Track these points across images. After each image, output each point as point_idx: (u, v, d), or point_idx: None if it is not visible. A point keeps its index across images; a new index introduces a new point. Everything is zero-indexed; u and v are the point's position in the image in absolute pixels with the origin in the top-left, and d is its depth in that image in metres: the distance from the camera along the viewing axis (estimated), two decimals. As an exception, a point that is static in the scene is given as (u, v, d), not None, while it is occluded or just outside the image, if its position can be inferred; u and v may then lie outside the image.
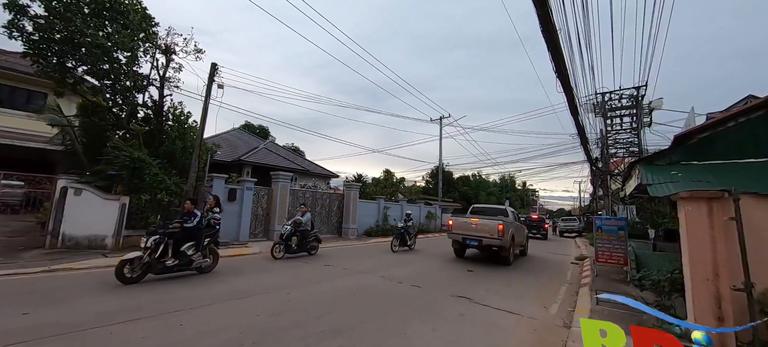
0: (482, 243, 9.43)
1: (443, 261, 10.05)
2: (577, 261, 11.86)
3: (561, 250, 15.84)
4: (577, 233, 27.96)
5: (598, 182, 20.79)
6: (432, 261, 10.03)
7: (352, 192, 15.84)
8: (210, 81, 11.34)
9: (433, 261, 9.91)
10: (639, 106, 19.97)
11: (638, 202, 12.38)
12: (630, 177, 6.86)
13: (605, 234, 8.45)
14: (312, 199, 14.52)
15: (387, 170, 22.36)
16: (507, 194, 58.07)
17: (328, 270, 7.64)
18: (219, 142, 23.30)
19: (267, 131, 44.64)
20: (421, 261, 9.82)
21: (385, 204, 18.18)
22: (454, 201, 33.36)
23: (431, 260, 10.16)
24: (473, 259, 10.69)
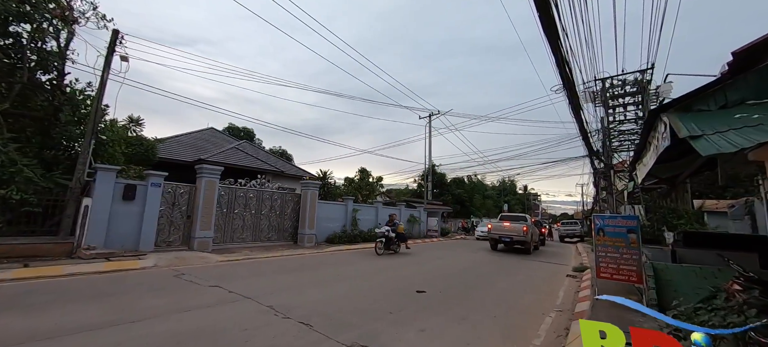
0: (512, 240, 13.52)
1: (392, 274, 7.64)
2: (574, 273, 9.38)
3: (558, 258, 13.35)
4: (578, 238, 25.41)
5: (599, 179, 18.39)
6: (376, 277, 7.61)
7: (310, 191, 13.46)
8: (110, 51, 9.10)
9: (375, 278, 7.49)
10: (645, 91, 17.59)
11: (650, 199, 9.94)
12: (645, 151, 4.49)
13: (609, 239, 6.00)
14: (257, 199, 12.16)
15: (362, 169, 20.01)
16: (506, 198, 55.43)
17: (198, 293, 5.25)
18: (189, 141, 21.17)
19: (252, 133, 42.52)
20: (363, 274, 7.43)
21: (354, 206, 15.78)
22: (445, 204, 30.89)
23: (378, 275, 7.75)
24: (439, 274, 8.27)
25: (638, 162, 5.22)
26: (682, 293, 5.44)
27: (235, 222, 11.47)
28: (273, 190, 12.83)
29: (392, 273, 7.94)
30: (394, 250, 11.55)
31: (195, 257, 8.73)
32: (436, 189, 37.23)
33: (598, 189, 24.86)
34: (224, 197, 11.17)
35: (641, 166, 4.97)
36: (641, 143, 4.63)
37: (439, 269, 8.96)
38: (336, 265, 8.87)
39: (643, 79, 17.45)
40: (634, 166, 5.72)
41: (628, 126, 18.46)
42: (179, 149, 18.95)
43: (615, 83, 18.22)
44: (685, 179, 6.87)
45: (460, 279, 7.73)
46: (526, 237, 13.33)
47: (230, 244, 11.15)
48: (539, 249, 17.83)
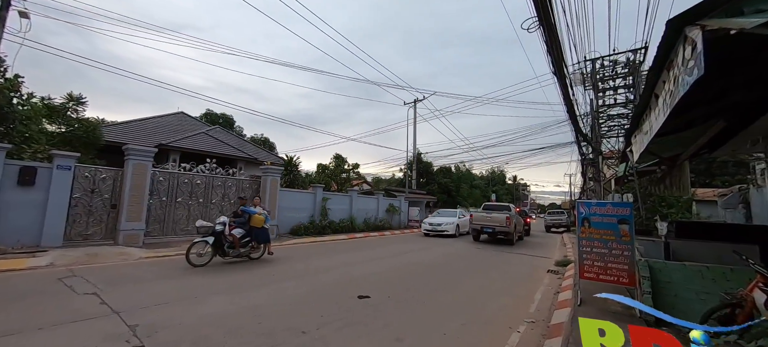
0: (495, 230, 13.04)
1: (342, 273, 6.40)
2: (556, 268, 8.33)
3: (541, 250, 12.37)
4: (564, 228, 24.73)
5: (586, 167, 17.46)
6: (319, 277, 6.37)
7: (270, 178, 12.08)
8: (3, 4, 7.45)
9: (317, 278, 6.26)
10: (637, 72, 16.55)
11: (640, 185, 8.90)
12: (647, 112, 3.30)
13: (596, 231, 4.86)
14: (205, 186, 10.72)
15: (337, 155, 18.62)
16: (494, 188, 54.86)
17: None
18: (153, 125, 19.42)
19: (231, 120, 40.53)
20: (306, 273, 6.18)
21: (324, 195, 14.46)
22: (429, 194, 29.82)
23: (323, 275, 6.51)
24: (402, 271, 7.07)
25: (636, 132, 4.03)
26: (683, 298, 4.36)
27: (179, 213, 10.05)
28: (226, 177, 11.39)
29: (342, 272, 6.72)
30: (239, 256, 7.19)
31: (113, 253, 7.34)
32: (422, 179, 36.15)
33: (586, 177, 24.10)
34: (163, 184, 9.72)
35: (640, 136, 3.78)
36: (642, 102, 3.42)
37: (404, 265, 7.78)
38: (285, 261, 7.61)
39: (635, 59, 16.42)
40: (629, 140, 4.55)
41: (618, 109, 17.50)
42: (139, 134, 17.37)
43: (605, 64, 17.17)
44: (689, 158, 5.79)
45: (424, 277, 6.55)
46: (508, 227, 12.81)
47: (172, 237, 9.76)
48: (523, 239, 16.97)
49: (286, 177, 13.86)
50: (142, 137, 17.39)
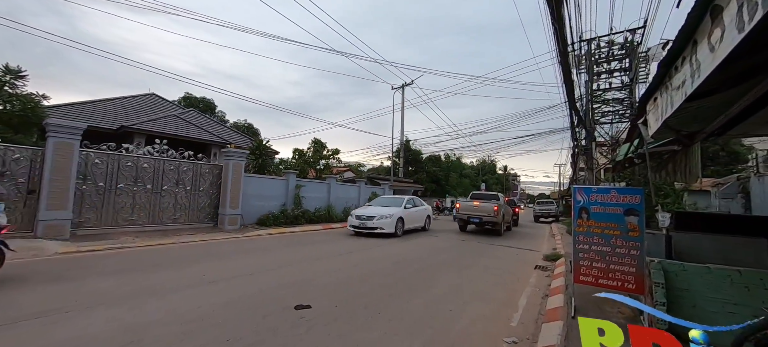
0: (482, 220, 12.29)
1: (292, 272, 5.33)
2: (545, 264, 7.42)
3: (529, 242, 11.53)
4: (553, 218, 24.17)
5: (578, 154, 16.70)
6: (262, 277, 5.29)
7: (232, 162, 10.82)
8: None
9: (257, 280, 5.18)
10: (634, 54, 15.60)
11: (635, 172, 8.01)
12: (671, 73, 2.28)
13: (596, 224, 3.86)
14: (155, 171, 9.43)
15: (316, 140, 17.33)
16: (484, 177, 54.33)
17: None
18: (118, 106, 17.87)
19: (212, 105, 38.63)
20: (249, 272, 5.08)
21: (298, 182, 13.28)
22: (417, 183, 28.88)
23: (268, 275, 5.43)
24: (366, 268, 6.03)
25: (657, 93, 2.99)
26: (706, 310, 3.42)
27: (121, 201, 8.78)
28: (181, 160, 10.10)
29: (293, 271, 5.64)
30: None
31: (24, 248, 6.10)
32: (411, 167, 35.19)
33: (576, 165, 23.40)
34: (100, 167, 8.41)
35: (665, 96, 2.74)
36: (674, 49, 2.37)
37: (372, 260, 6.75)
38: (238, 255, 6.49)
39: (633, 40, 15.44)
40: (643, 107, 3.52)
41: (613, 94, 16.61)
42: (101, 114, 15.96)
43: (601, 45, 16.17)
44: (712, 134, 4.83)
45: (390, 276, 5.53)
46: (496, 217, 12.16)
47: (111, 228, 8.52)
48: (512, 229, 16.25)
49: (255, 162, 12.61)
50: (104, 119, 15.94)
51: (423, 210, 12.90)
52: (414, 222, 11.95)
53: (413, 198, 12.89)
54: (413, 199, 12.66)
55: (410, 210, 11.81)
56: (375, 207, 11.42)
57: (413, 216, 11.91)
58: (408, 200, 12.12)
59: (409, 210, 11.70)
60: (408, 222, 11.35)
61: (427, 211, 13.20)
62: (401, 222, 10.88)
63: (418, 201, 13.14)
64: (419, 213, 12.51)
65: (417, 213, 12.31)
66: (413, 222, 11.86)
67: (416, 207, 12.49)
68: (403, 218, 10.98)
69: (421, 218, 12.64)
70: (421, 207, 12.82)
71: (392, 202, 11.99)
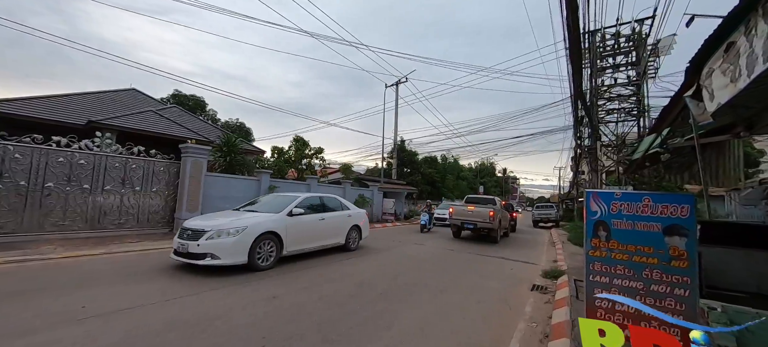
0: (477, 226, 11.48)
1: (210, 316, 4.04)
2: (544, 282, 6.15)
3: (526, 251, 10.26)
4: (553, 223, 22.88)
5: (580, 154, 15.45)
6: (161, 312, 4.00)
7: (191, 160, 9.56)
8: None
9: (158, 314, 3.89)
10: (641, 46, 14.39)
11: (656, 173, 6.77)
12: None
13: (621, 248, 2.59)
14: (93, 168, 8.15)
15: (298, 137, 16.07)
16: (482, 180, 53.09)
17: None
18: (91, 101, 16.67)
19: (202, 103, 37.35)
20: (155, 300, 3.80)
21: (272, 183, 12.01)
22: (410, 184, 27.60)
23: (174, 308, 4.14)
24: (323, 291, 4.76)
25: (726, 46, 1.75)
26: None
27: (49, 203, 7.51)
28: (128, 157, 8.83)
29: (208, 299, 4.37)
30: None
31: None
32: (406, 169, 33.95)
33: (578, 167, 22.14)
34: (21, 162, 7.15)
35: (744, 57, 1.51)
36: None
37: (330, 279, 5.49)
38: (161, 274, 5.22)
39: (641, 30, 14.23)
40: (697, 72, 2.28)
41: (619, 90, 15.39)
42: (71, 109, 14.88)
43: (606, 37, 14.95)
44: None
45: (344, 305, 4.27)
46: (492, 223, 11.14)
47: (36, 235, 7.24)
48: (509, 236, 15.04)
49: (222, 160, 11.35)
50: (73, 113, 14.76)
51: (339, 217, 7.79)
52: (315, 238, 6.92)
53: (324, 197, 7.82)
54: (321, 198, 7.65)
55: (304, 220, 6.62)
56: (209, 220, 5.89)
57: (311, 229, 6.79)
58: (303, 200, 6.92)
59: (300, 218, 6.52)
60: (296, 239, 6.39)
61: (352, 219, 8.16)
62: (273, 241, 5.90)
63: (334, 202, 8.00)
64: (331, 222, 7.42)
65: (323, 223, 7.17)
66: (312, 238, 6.83)
67: (327, 212, 7.44)
68: (278, 233, 5.97)
69: (338, 230, 7.61)
70: (337, 214, 7.78)
71: (273, 205, 6.76)
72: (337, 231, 7.66)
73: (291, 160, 15.60)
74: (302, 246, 6.66)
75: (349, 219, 8.12)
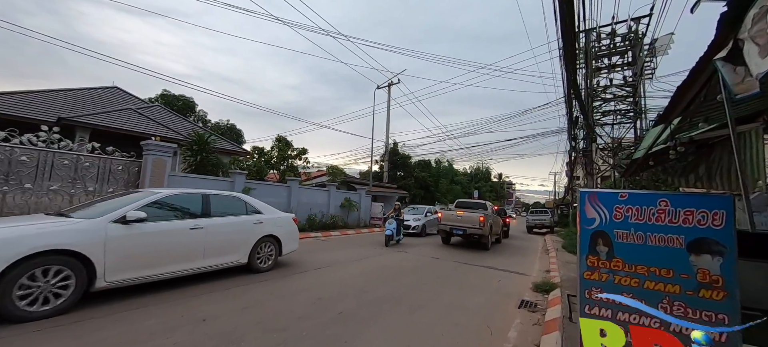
0: (466, 232, 10.88)
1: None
2: (534, 297, 5.42)
3: (517, 259, 9.56)
4: (548, 229, 22.26)
5: (575, 157, 14.88)
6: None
7: (152, 157, 8.77)
8: None
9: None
10: (638, 45, 13.87)
11: (661, 175, 6.13)
12: None
13: (629, 269, 1.86)
14: (38, 166, 7.33)
15: (281, 137, 15.29)
16: (476, 184, 52.54)
17: None
18: (66, 97, 15.87)
19: (191, 103, 36.41)
20: None
21: (247, 185, 11.23)
22: (402, 188, 26.88)
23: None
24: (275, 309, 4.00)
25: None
26: None
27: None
28: (79, 154, 8.02)
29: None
30: None
31: None
32: (399, 172, 33.28)
33: (572, 172, 21.59)
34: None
35: None
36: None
37: (286, 293, 4.73)
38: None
39: (638, 29, 13.72)
40: (731, 24, 1.62)
41: (613, 91, 14.86)
42: (46, 106, 13.89)
43: (601, 36, 14.43)
44: None
45: (293, 327, 3.51)
46: (482, 229, 10.58)
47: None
48: (501, 242, 14.38)
49: (192, 159, 10.55)
50: (49, 110, 14.02)
51: (238, 224, 5.55)
52: (181, 258, 4.67)
53: (213, 195, 5.46)
54: (205, 197, 5.29)
55: (154, 229, 4.39)
56: None
57: (170, 243, 4.57)
58: (158, 199, 4.68)
59: (143, 227, 4.25)
60: (134, 261, 4.15)
61: (264, 227, 5.93)
62: (67, 267, 3.60)
63: (232, 204, 5.74)
64: (219, 232, 5.18)
65: (199, 235, 4.89)
66: (174, 258, 4.58)
67: (212, 217, 5.19)
68: (83, 253, 3.70)
69: (234, 243, 5.41)
70: (234, 221, 5.50)
71: (101, 208, 4.42)
72: (231, 244, 5.35)
73: (272, 160, 14.80)
74: (147, 272, 4.22)
75: (257, 228, 5.78)
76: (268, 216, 6.18)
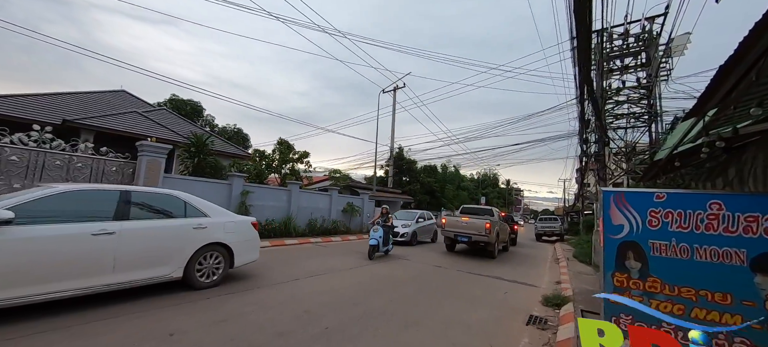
0: (471, 239, 10.40)
1: None
2: (544, 313, 4.93)
3: (525, 269, 9.01)
4: (557, 236, 21.52)
5: (586, 163, 14.27)
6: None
7: (146, 159, 8.55)
8: None
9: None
10: (653, 45, 13.28)
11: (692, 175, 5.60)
12: None
13: (668, 290, 1.41)
14: (27, 165, 7.15)
15: (282, 140, 15.04)
16: (484, 190, 51.70)
17: None
18: (72, 100, 16.05)
19: (199, 107, 36.76)
20: None
21: (245, 187, 10.95)
22: (406, 193, 26.43)
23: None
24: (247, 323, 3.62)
25: None
26: None
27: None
28: (71, 154, 7.82)
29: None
30: None
31: None
32: (404, 177, 32.86)
33: (583, 178, 20.86)
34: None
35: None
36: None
37: (265, 306, 4.36)
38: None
39: (652, 29, 13.15)
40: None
41: (626, 94, 14.24)
42: (52, 108, 13.96)
43: (613, 37, 13.88)
44: None
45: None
46: (488, 236, 10.15)
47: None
48: (508, 250, 13.86)
49: (190, 161, 10.33)
50: (55, 112, 14.15)
51: (170, 229, 4.53)
52: (81, 273, 3.67)
53: (134, 193, 4.36)
54: (124, 195, 4.21)
55: (34, 235, 3.40)
56: None
57: (63, 253, 3.56)
58: (39, 198, 3.59)
59: (16, 231, 3.29)
60: (4, 277, 3.21)
61: (208, 233, 4.85)
62: None
63: (165, 203, 4.66)
64: (141, 238, 4.17)
65: (108, 243, 3.85)
66: (68, 273, 3.58)
67: (132, 221, 4.16)
68: None
69: (162, 253, 4.36)
70: (166, 224, 4.50)
71: None
72: (158, 254, 4.27)
73: (272, 164, 14.54)
74: (17, 293, 3.23)
75: (197, 234, 4.67)
76: (215, 220, 4.99)
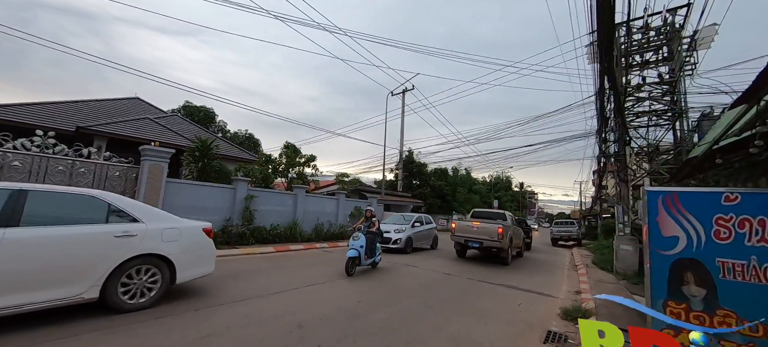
0: (483, 245, 9.88)
1: None
2: (563, 328, 4.43)
3: (541, 277, 8.45)
4: (575, 241, 20.62)
5: (605, 165, 13.53)
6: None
7: (149, 163, 8.45)
8: None
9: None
10: (676, 39, 12.53)
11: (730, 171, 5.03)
12: None
13: (751, 334, 0.99)
14: (29, 171, 7.13)
15: (289, 144, 14.87)
16: (496, 194, 50.55)
17: None
18: (88, 107, 16.53)
19: (212, 114, 37.38)
20: None
21: (249, 192, 10.77)
22: (417, 197, 25.94)
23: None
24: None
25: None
26: None
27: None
28: (74, 159, 7.78)
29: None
30: None
31: None
32: (415, 180, 32.38)
33: (601, 180, 19.93)
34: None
35: None
36: None
37: (284, 312, 4.04)
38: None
39: (674, 21, 12.41)
40: None
41: (647, 90, 13.47)
42: (67, 115, 14.32)
43: (632, 31, 13.18)
44: None
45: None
46: (501, 241, 9.62)
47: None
48: (523, 256, 13.27)
49: (194, 166, 10.24)
50: (70, 120, 14.54)
51: (80, 236, 3.56)
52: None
53: (32, 192, 3.43)
54: (13, 194, 3.32)
55: None
56: None
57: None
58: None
59: None
60: None
61: (143, 242, 3.95)
62: None
63: (75, 205, 3.74)
64: (29, 250, 3.20)
65: None
66: None
67: (22, 227, 3.24)
68: None
69: (64, 270, 3.39)
70: (73, 232, 3.51)
71: None
72: (62, 269, 3.38)
73: (279, 168, 14.38)
74: None
75: (120, 243, 3.78)
76: (150, 227, 4.05)
